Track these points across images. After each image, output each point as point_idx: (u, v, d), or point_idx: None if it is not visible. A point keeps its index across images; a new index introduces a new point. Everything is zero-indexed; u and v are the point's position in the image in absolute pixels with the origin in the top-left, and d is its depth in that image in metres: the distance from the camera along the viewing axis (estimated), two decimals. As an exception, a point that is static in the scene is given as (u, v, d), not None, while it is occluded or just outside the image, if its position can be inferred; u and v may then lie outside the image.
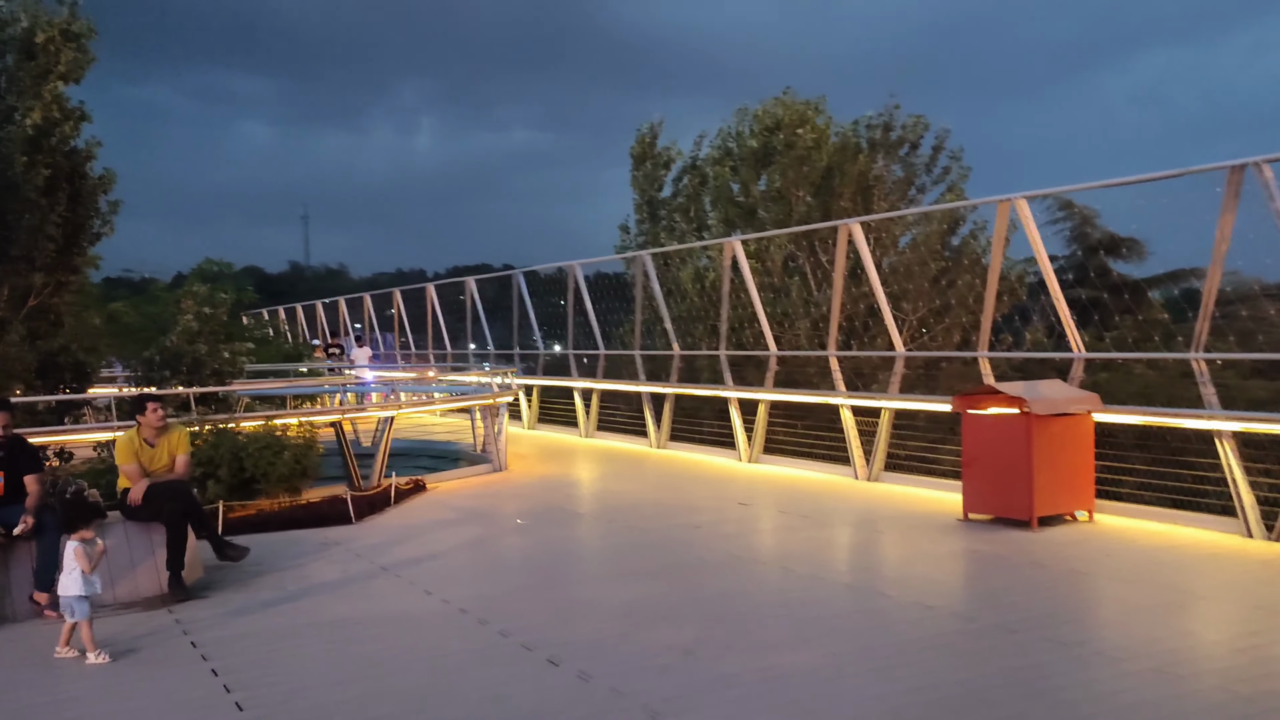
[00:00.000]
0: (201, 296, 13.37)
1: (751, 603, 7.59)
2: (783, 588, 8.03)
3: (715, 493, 12.71)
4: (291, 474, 10.89)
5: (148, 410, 8.11)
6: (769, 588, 8.03)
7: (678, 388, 16.95)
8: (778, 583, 8.20)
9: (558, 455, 17.17)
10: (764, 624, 7.02)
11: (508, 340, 22.65)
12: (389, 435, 13.13)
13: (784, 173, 21.68)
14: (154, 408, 8.14)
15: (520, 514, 11.39)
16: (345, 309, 30.95)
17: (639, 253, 18.09)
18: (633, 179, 26.65)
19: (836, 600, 7.64)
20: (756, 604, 7.54)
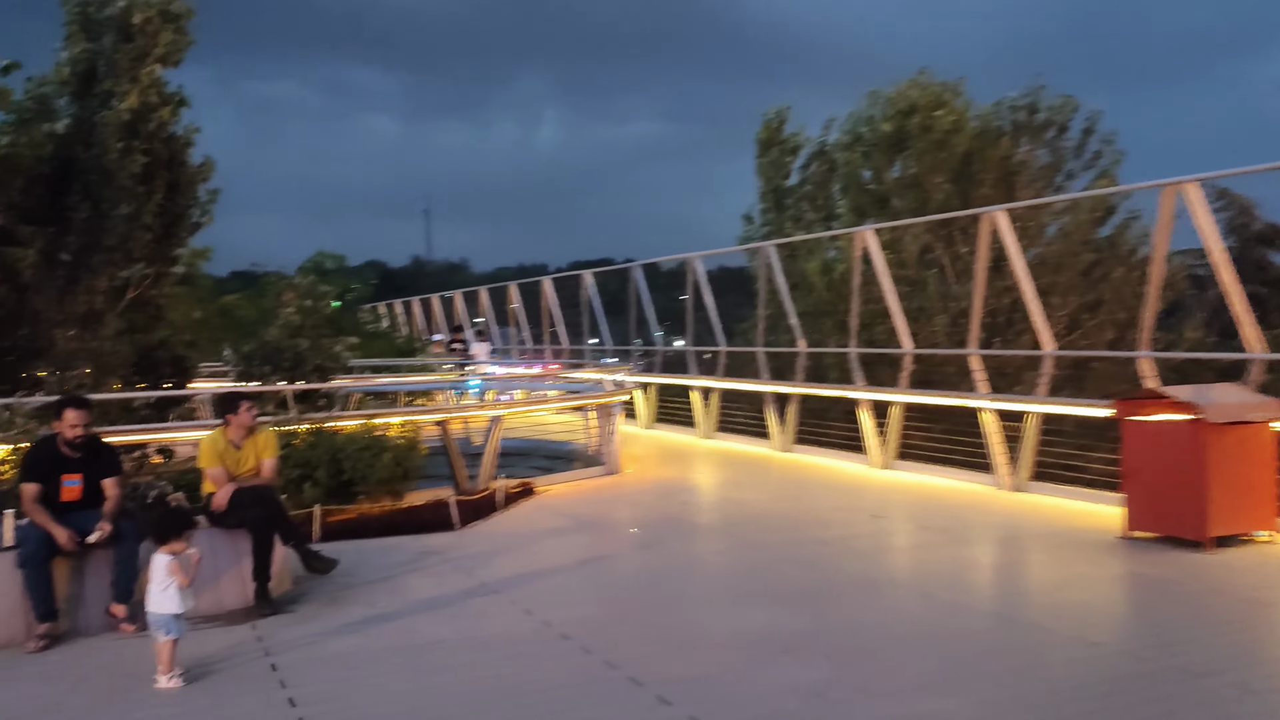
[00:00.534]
0: (305, 289, 12.97)
1: (888, 635, 6.67)
2: (923, 617, 7.07)
3: (844, 503, 11.74)
4: (392, 476, 10.36)
5: (240, 410, 7.60)
6: (908, 617, 7.08)
7: (804, 387, 15.97)
8: (917, 611, 7.24)
9: (674, 457, 16.37)
10: (903, 661, 6.11)
11: (625, 336, 21.97)
12: (497, 435, 12.53)
13: (919, 158, 20.38)
14: (249, 406, 7.64)
15: (633, 523, 10.64)
16: (462, 303, 30.76)
17: (763, 244, 17.17)
18: (758, 166, 25.63)
19: (985, 633, 6.67)
20: (894, 637, 6.62)
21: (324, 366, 12.63)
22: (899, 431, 14.10)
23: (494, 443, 12.44)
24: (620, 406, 14.57)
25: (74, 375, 11.12)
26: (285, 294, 13.01)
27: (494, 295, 29.10)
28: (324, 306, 13.03)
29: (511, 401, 13.13)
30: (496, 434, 12.51)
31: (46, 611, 6.53)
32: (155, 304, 12.86)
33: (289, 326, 12.44)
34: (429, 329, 34.31)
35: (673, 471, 14.64)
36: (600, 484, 13.40)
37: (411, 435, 11.06)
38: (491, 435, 12.49)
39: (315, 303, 12.97)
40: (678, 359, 20.37)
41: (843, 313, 17.40)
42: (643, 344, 21.66)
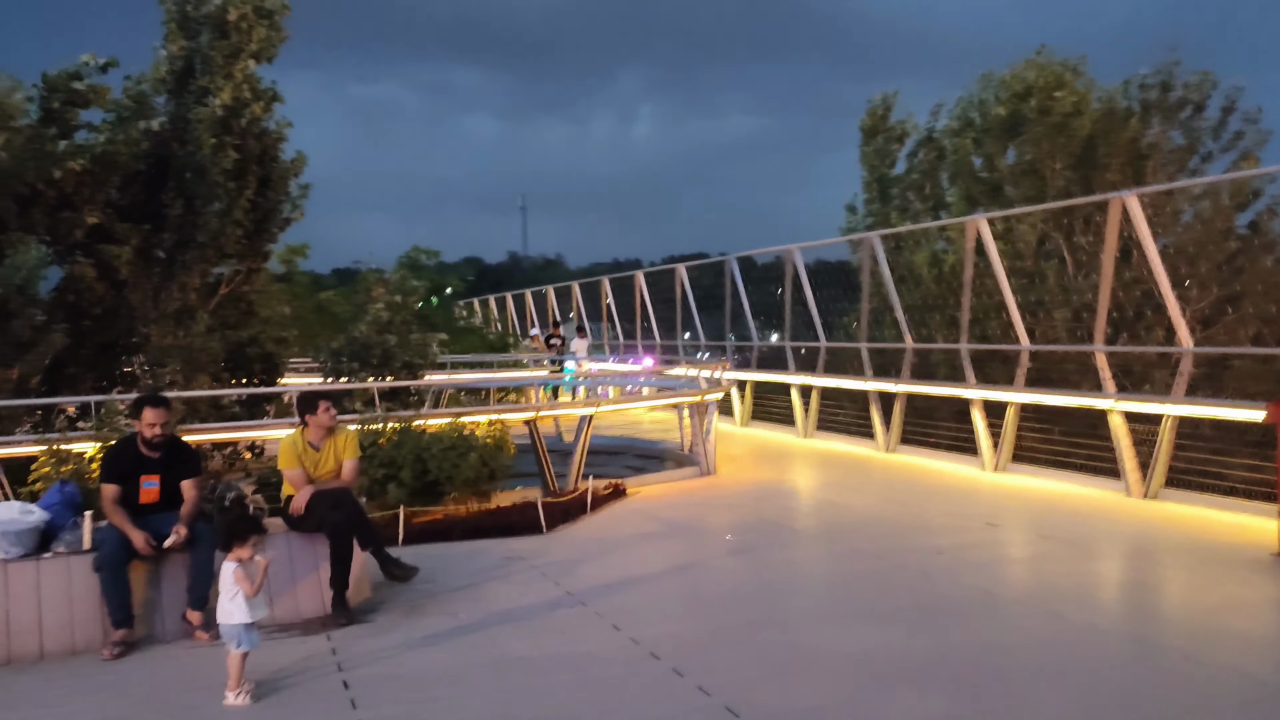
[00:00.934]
0: (394, 284, 12.66)
1: (1014, 661, 5.97)
2: (1052, 640, 6.34)
3: (956, 509, 10.96)
4: (478, 477, 9.93)
5: (319, 410, 7.24)
6: (1035, 639, 6.36)
7: (910, 385, 15.17)
8: (1045, 633, 6.51)
9: (772, 458, 15.72)
10: (1033, 692, 5.43)
11: (719, 331, 21.33)
12: (588, 434, 12.05)
13: (1037, 143, 19.16)
14: (326, 407, 7.26)
15: (728, 528, 10.03)
16: (554, 298, 30.46)
17: (867, 234, 16.35)
18: (862, 155, 24.59)
19: (1129, 663, 5.93)
20: (1023, 664, 5.92)
21: (413, 363, 12.29)
22: (1014, 433, 13.24)
23: (584, 442, 11.97)
24: (715, 405, 13.96)
25: (165, 372, 10.98)
26: (375, 289, 12.71)
27: (586, 290, 28.71)
28: (413, 302, 12.70)
29: (603, 399, 12.62)
30: (587, 433, 12.04)
31: (123, 617, 6.27)
32: (246, 300, 12.73)
33: (377, 322, 12.12)
34: (523, 325, 34.09)
35: (770, 473, 14.00)
36: (694, 486, 12.83)
37: (499, 434, 10.62)
38: (582, 434, 12.02)
39: (405, 298, 12.65)
40: (775, 355, 19.67)
41: (952, 307, 16.48)
42: (736, 339, 20.99)
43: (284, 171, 12.95)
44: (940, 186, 22.35)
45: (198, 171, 11.69)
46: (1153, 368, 14.63)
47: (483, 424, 10.74)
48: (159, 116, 12.24)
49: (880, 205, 23.57)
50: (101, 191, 11.89)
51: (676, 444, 15.24)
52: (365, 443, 9.86)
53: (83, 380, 11.55)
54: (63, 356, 11.20)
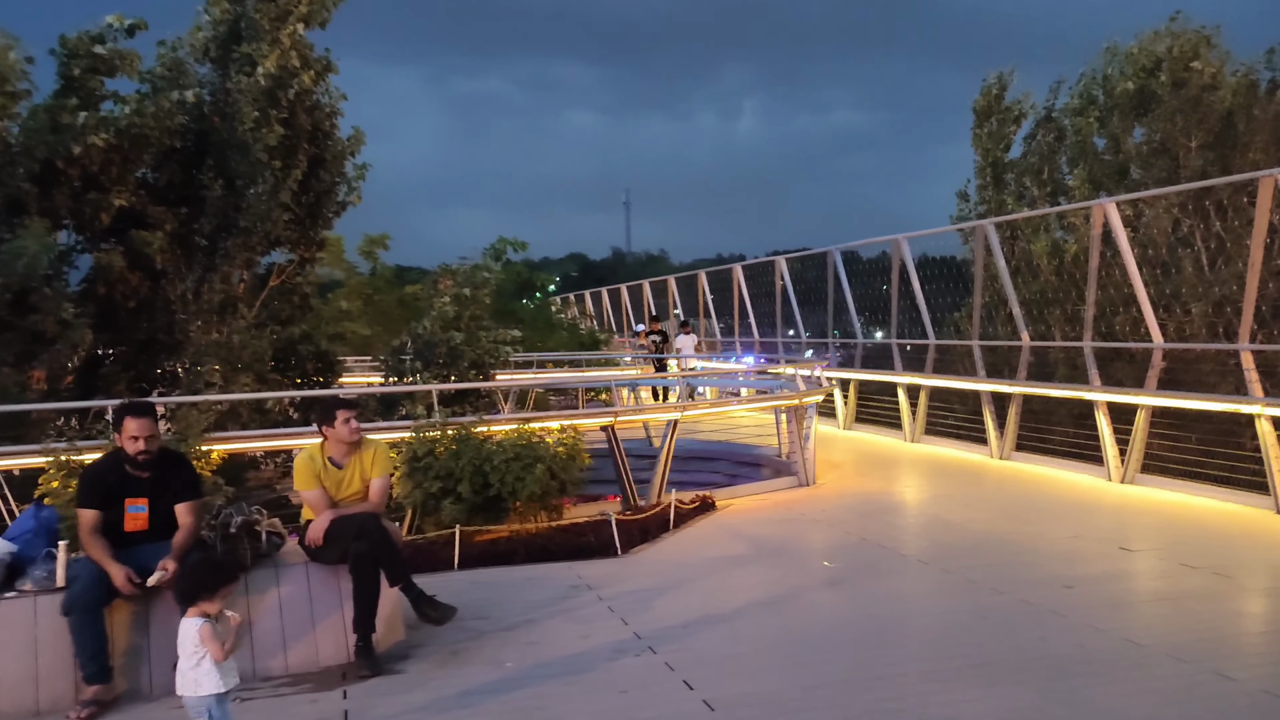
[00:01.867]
0: (463, 276, 11.76)
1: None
2: (1226, 711, 5.16)
3: (1081, 527, 9.70)
4: (546, 491, 9.05)
5: (338, 420, 6.36)
6: (1202, 710, 5.19)
7: (1027, 386, 13.82)
8: (1214, 700, 5.33)
9: (877, 465, 14.54)
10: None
11: (822, 327, 20.14)
12: (672, 441, 11.11)
13: (1170, 119, 17.41)
14: (345, 417, 6.35)
15: (826, 552, 8.97)
16: (650, 293, 29.53)
17: (979, 222, 14.99)
18: (974, 138, 22.95)
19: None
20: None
21: (483, 362, 11.47)
22: (1144, 439, 11.86)
23: (669, 449, 11.03)
24: (815, 408, 12.86)
25: (203, 371, 10.26)
26: (442, 281, 11.85)
27: (683, 285, 27.71)
28: (484, 295, 11.82)
29: (689, 403, 11.65)
30: (671, 440, 11.09)
31: (97, 670, 5.34)
32: (300, 293, 11.91)
33: (443, 318, 11.28)
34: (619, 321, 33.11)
35: (874, 483, 12.84)
36: (791, 498, 11.77)
37: (573, 441, 9.72)
38: (667, 442, 11.07)
39: (475, 291, 11.77)
40: (880, 353, 18.41)
41: (1073, 300, 15.10)
42: (840, 336, 19.78)
43: (339, 150, 12.04)
44: (1060, 170, 20.66)
45: (239, 148, 10.80)
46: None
47: (554, 430, 9.87)
48: (195, 87, 11.34)
49: (994, 192, 21.94)
50: (131, 171, 10.95)
51: (775, 449, 14.18)
52: (420, 452, 9.07)
53: (118, 381, 10.80)
54: (95, 355, 10.53)
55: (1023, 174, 21.36)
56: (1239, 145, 16.85)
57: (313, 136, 11.77)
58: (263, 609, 6.08)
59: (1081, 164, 19.20)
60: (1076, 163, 19.53)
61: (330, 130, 12.12)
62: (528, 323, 23.96)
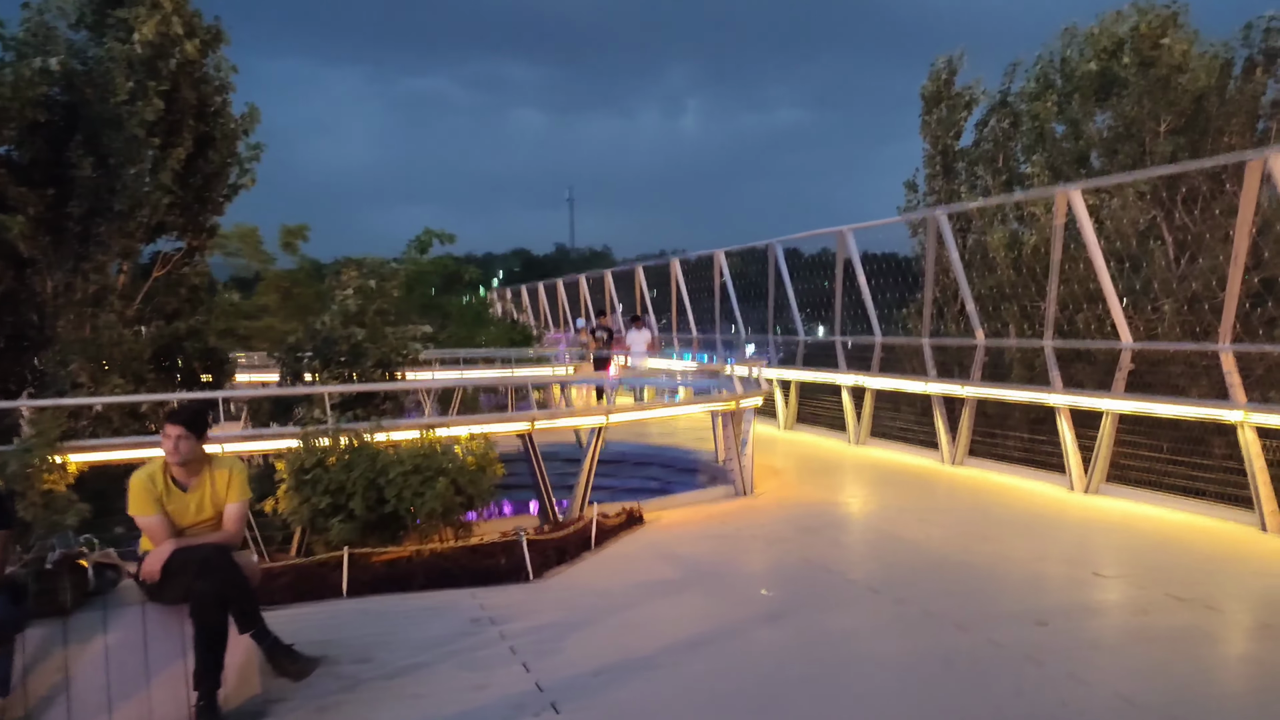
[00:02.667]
0: (369, 267, 10.55)
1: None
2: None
3: (1046, 546, 8.79)
4: (449, 507, 7.92)
5: (164, 435, 5.19)
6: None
7: (981, 388, 12.92)
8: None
9: (820, 470, 13.58)
10: None
11: (764, 324, 19.17)
12: (597, 449, 10.01)
13: (1136, 102, 16.50)
14: (169, 433, 5.18)
15: (764, 578, 7.94)
16: (586, 289, 28.40)
17: (931, 210, 14.07)
18: (922, 125, 21.95)
19: None
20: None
21: (389, 360, 10.28)
22: (1110, 447, 11.01)
23: (592, 459, 9.93)
24: (753, 412, 11.84)
25: (70, 371, 8.97)
26: (345, 272, 10.62)
27: (621, 280, 26.60)
28: (392, 288, 10.63)
29: (615, 407, 10.56)
30: (597, 448, 9.99)
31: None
32: (188, 285, 10.63)
33: (343, 313, 10.07)
34: (559, 317, 31.80)
35: (818, 491, 11.86)
36: (726, 509, 10.73)
37: (483, 450, 8.59)
38: (590, 451, 9.97)
39: (382, 283, 10.58)
40: (824, 351, 17.46)
41: (1031, 296, 14.22)
42: (782, 333, 18.83)
43: (230, 128, 10.80)
44: (1016, 158, 19.78)
45: (113, 123, 9.52)
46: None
47: (462, 438, 8.73)
48: (63, 54, 10.02)
49: (945, 182, 20.99)
50: (-14, 146, 9.75)
51: (713, 454, 13.16)
52: (308, 463, 7.90)
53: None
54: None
55: (975, 162, 20.48)
56: (1211, 129, 16.03)
57: (200, 113, 10.50)
58: (85, 660, 4.94)
59: (1040, 150, 18.29)
60: (1034, 150, 18.62)
61: (220, 107, 10.85)
62: (455, 318, 22.75)
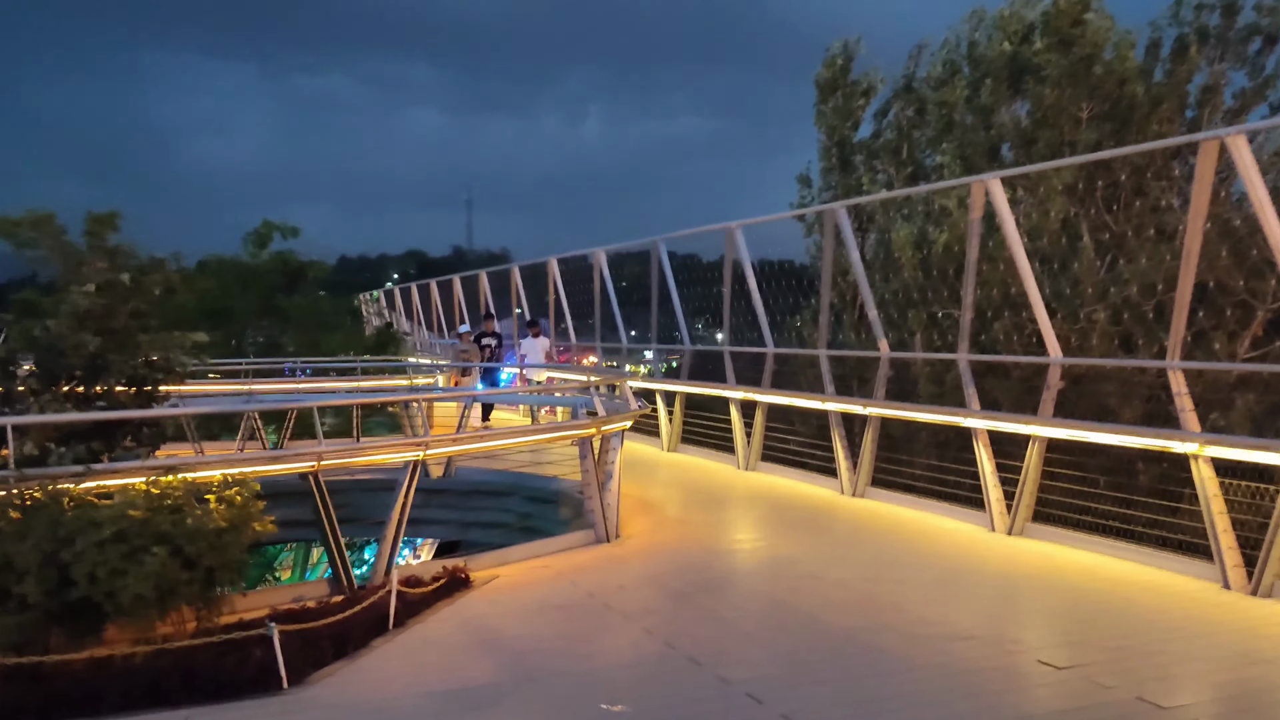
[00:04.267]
0: (122, 258, 8.17)
1: None
2: None
3: (970, 613, 6.96)
4: (168, 589, 5.71)
5: None
6: None
7: (885, 408, 11.12)
8: None
9: (703, 502, 11.66)
10: None
11: (644, 330, 17.20)
12: (408, 496, 7.86)
13: (1054, 87, 14.86)
14: None
15: (616, 678, 5.91)
16: (460, 289, 26.04)
17: (830, 205, 12.21)
18: (817, 115, 20.06)
19: None
20: None
21: (141, 376, 7.97)
22: (1036, 480, 9.29)
23: (402, 506, 7.78)
24: (620, 439, 9.83)
25: None
26: (88, 264, 8.18)
27: (495, 280, 24.30)
28: (153, 283, 8.26)
29: (434, 437, 8.36)
30: (407, 495, 7.83)
31: None
32: None
33: (73, 314, 7.71)
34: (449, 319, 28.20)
35: (697, 533, 9.90)
36: (583, 562, 8.70)
37: (244, 501, 6.40)
38: (402, 492, 7.80)
39: (142, 278, 8.23)
40: (711, 361, 15.52)
41: (942, 302, 12.49)
42: (663, 341, 16.88)
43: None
44: (921, 149, 18.11)
45: None
46: (1242, 391, 10.66)
47: (214, 482, 6.52)
48: None
49: (842, 176, 19.19)
50: None
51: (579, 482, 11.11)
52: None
53: None
54: None
55: (876, 154, 18.75)
56: (1136, 117, 14.49)
57: None
58: None
59: (949, 141, 16.63)
60: (941, 139, 16.97)
61: None
62: (295, 321, 20.30)
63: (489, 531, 13.32)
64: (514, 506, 12.86)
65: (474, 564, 8.32)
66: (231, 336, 19.77)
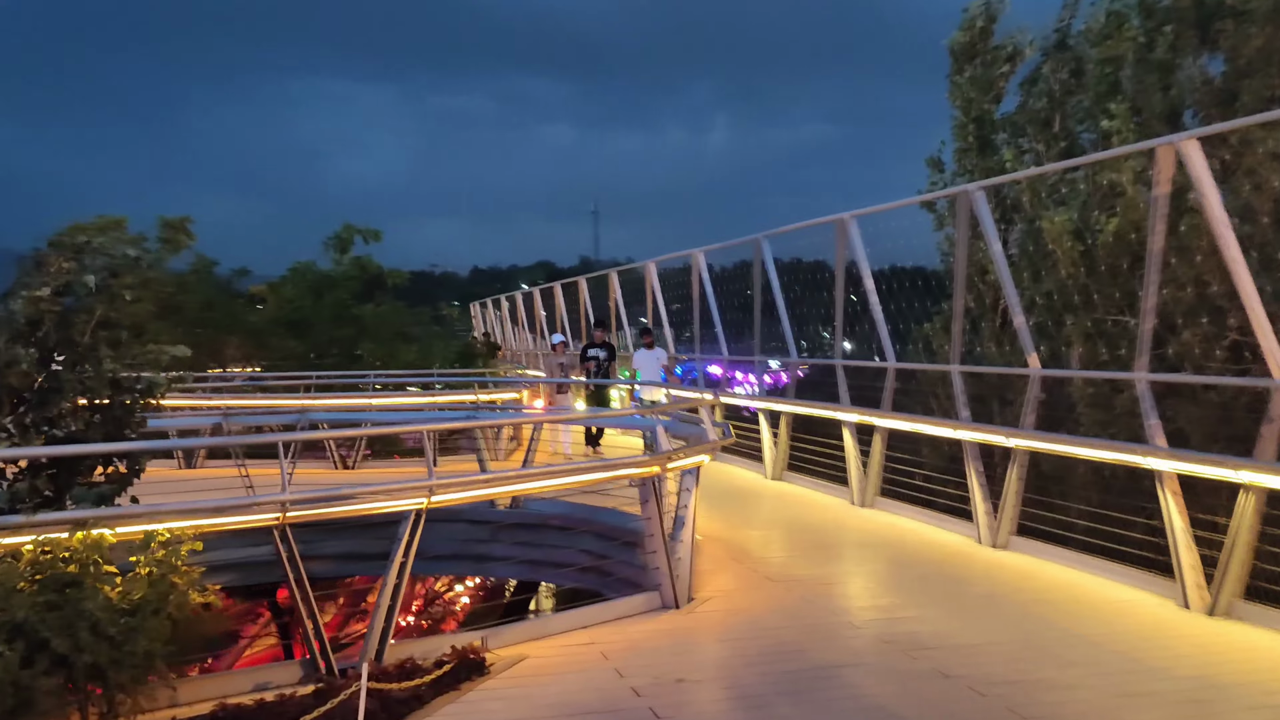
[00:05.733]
0: (96, 255, 6.61)
1: None
2: None
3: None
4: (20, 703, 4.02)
5: None
6: None
7: (1036, 439, 8.89)
8: None
9: (806, 548, 9.65)
10: None
11: (746, 339, 15.19)
12: (411, 549, 6.08)
13: (1271, 24, 11.98)
14: None
15: None
16: (561, 299, 24.43)
17: (963, 187, 9.95)
18: (951, 88, 17.37)
19: None
20: None
21: (100, 398, 6.38)
22: (1251, 544, 6.98)
23: (398, 570, 5.98)
24: (696, 477, 7.89)
25: None
26: (52, 262, 6.60)
27: (594, 286, 22.55)
28: (124, 287, 6.66)
29: (442, 480, 6.46)
30: (407, 549, 6.04)
31: None
32: None
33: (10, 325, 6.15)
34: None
35: (795, 594, 7.88)
36: (640, 636, 6.79)
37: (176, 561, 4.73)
38: (400, 548, 6.01)
39: (115, 280, 6.66)
40: (823, 377, 13.40)
41: (1112, 306, 10.12)
42: (768, 352, 14.85)
43: None
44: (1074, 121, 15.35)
45: None
46: None
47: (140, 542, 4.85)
48: None
49: (980, 157, 16.58)
50: None
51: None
52: None
53: None
54: None
55: (1021, 129, 16.08)
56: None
57: None
58: None
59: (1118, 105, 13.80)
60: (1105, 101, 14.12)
61: None
62: (370, 332, 18.93)
63: (560, 573, 11.54)
64: (588, 545, 11.01)
65: (500, 638, 6.52)
66: (311, 348, 18.58)
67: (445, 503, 6.22)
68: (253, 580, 9.24)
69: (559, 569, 11.41)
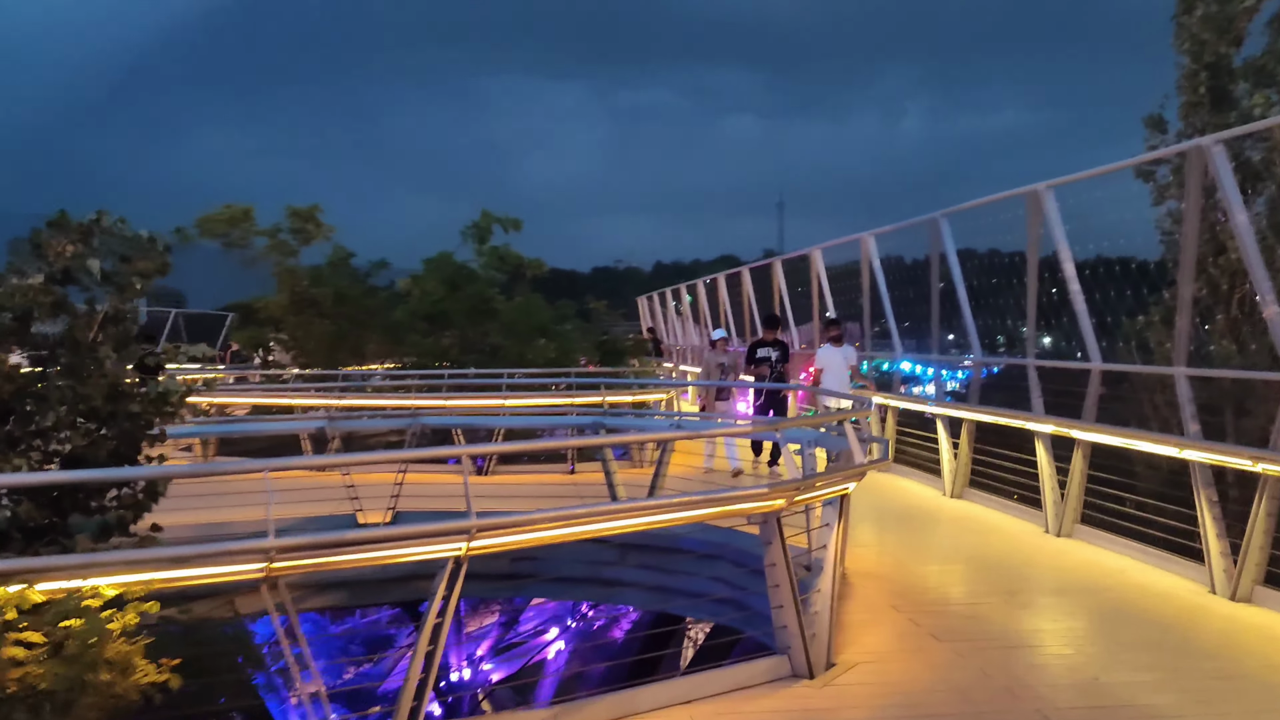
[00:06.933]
0: (107, 236, 5.61)
1: None
2: None
3: None
4: None
5: None
6: None
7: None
8: None
9: (986, 591, 7.88)
10: None
11: (923, 333, 13.31)
12: (444, 615, 4.73)
13: None
14: None
15: None
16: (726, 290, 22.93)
17: (1193, 143, 7.89)
18: (1177, 32, 14.53)
19: None
20: None
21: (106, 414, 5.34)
22: None
23: (432, 631, 4.64)
24: (839, 509, 6.27)
25: None
26: (48, 246, 5.63)
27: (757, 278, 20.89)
28: (133, 274, 5.65)
29: (486, 520, 5.07)
30: (444, 607, 4.70)
31: None
32: None
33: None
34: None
35: (966, 663, 6.16)
36: (755, 718, 5.27)
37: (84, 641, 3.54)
38: (433, 607, 4.68)
39: (125, 265, 5.66)
40: (1013, 379, 11.43)
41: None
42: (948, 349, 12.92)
43: None
44: None
45: None
46: None
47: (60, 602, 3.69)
48: None
49: (1213, 113, 13.87)
50: None
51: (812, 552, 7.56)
52: None
53: None
54: None
55: (1269, 77, 13.27)
56: None
57: None
58: None
59: None
60: None
61: None
62: (507, 326, 17.81)
63: (695, 604, 10.09)
64: (725, 574, 9.54)
65: (584, 713, 5.12)
66: (451, 343, 17.69)
67: (488, 549, 4.81)
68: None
69: (693, 598, 9.99)
